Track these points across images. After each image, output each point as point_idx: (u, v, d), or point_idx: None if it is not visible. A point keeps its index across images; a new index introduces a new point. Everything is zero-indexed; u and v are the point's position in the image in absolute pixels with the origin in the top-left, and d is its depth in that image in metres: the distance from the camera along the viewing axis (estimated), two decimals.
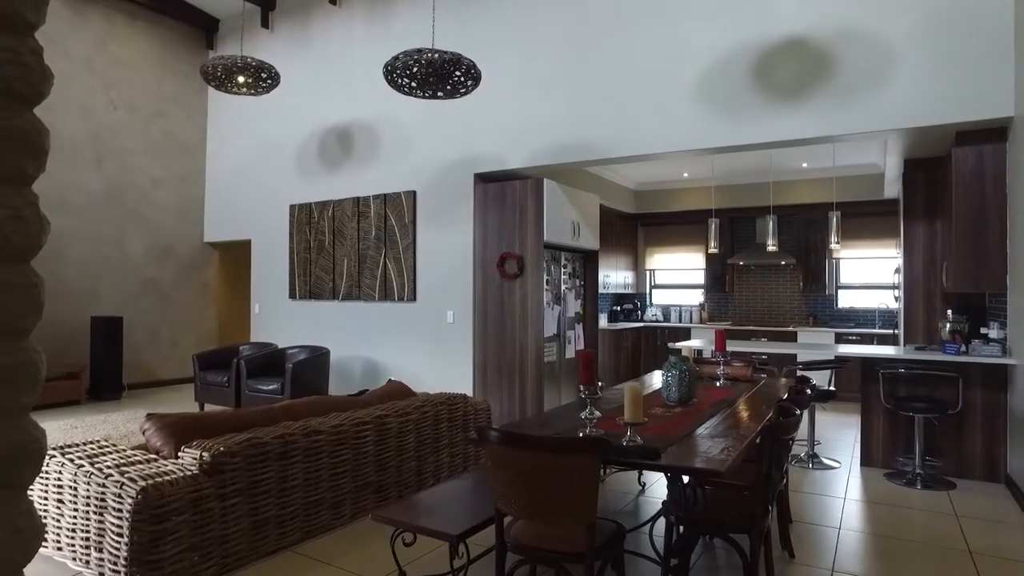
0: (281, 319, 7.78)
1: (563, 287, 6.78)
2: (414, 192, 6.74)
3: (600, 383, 2.48)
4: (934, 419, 4.48)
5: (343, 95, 7.30)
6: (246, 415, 3.25)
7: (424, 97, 5.04)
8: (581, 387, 2.46)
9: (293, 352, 6.69)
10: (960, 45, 4.40)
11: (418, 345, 6.71)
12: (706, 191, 8.98)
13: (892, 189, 6.97)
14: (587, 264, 7.33)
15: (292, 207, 7.69)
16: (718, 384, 3.88)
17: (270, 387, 6.01)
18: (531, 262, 6.11)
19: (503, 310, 6.26)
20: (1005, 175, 4.49)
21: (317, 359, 6.36)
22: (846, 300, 8.45)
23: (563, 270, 6.80)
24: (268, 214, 7.97)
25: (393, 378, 6.80)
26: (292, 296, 7.66)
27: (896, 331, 6.16)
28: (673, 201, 9.33)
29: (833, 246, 5.10)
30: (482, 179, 6.44)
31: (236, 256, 9.09)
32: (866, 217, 7.92)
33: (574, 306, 7.07)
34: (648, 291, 10.03)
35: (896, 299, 6.15)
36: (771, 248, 5.26)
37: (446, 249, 6.55)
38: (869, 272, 8.36)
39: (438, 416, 4.22)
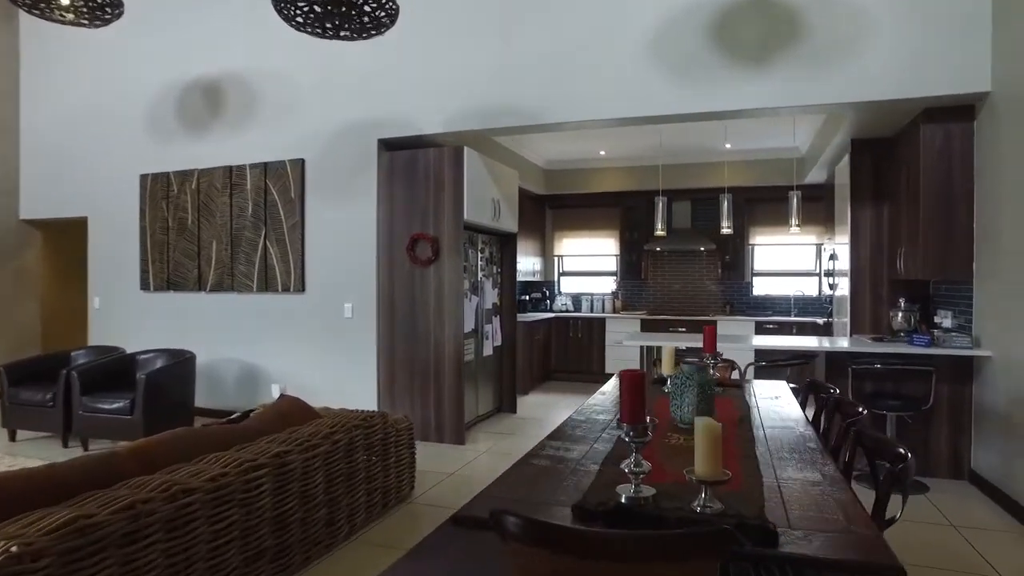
0: (130, 317, 6.27)
1: (480, 274, 5.92)
2: (302, 161, 5.56)
3: (650, 418, 1.66)
4: (908, 417, 4.12)
5: (210, 39, 5.91)
6: (65, 473, 2.11)
7: (324, 36, 3.94)
8: (625, 426, 1.63)
9: (147, 358, 5.31)
10: (936, 14, 4.02)
11: (308, 345, 5.57)
12: (623, 171, 8.45)
13: (820, 174, 6.74)
14: (504, 248, 6.52)
15: (143, 177, 6.19)
16: None
17: (115, 405, 4.65)
18: (448, 245, 5.19)
19: (414, 302, 5.29)
20: (973, 156, 4.20)
21: (179, 366, 5.06)
22: (760, 288, 8.28)
23: (480, 255, 5.94)
24: (110, 186, 6.38)
25: (279, 387, 5.61)
26: (145, 287, 6.19)
27: (830, 320, 5.93)
28: (586, 182, 8.70)
29: (793, 230, 4.68)
30: (388, 146, 5.41)
31: (66, 238, 7.32)
32: (783, 203, 7.71)
33: (491, 296, 6.24)
34: (556, 279, 9.40)
35: (832, 287, 5.90)
36: (725, 230, 4.76)
37: (343, 229, 5.45)
38: (783, 259, 8.22)
39: (352, 443, 3.23)
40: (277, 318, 5.67)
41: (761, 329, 7.53)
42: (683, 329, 7.86)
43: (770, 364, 4.20)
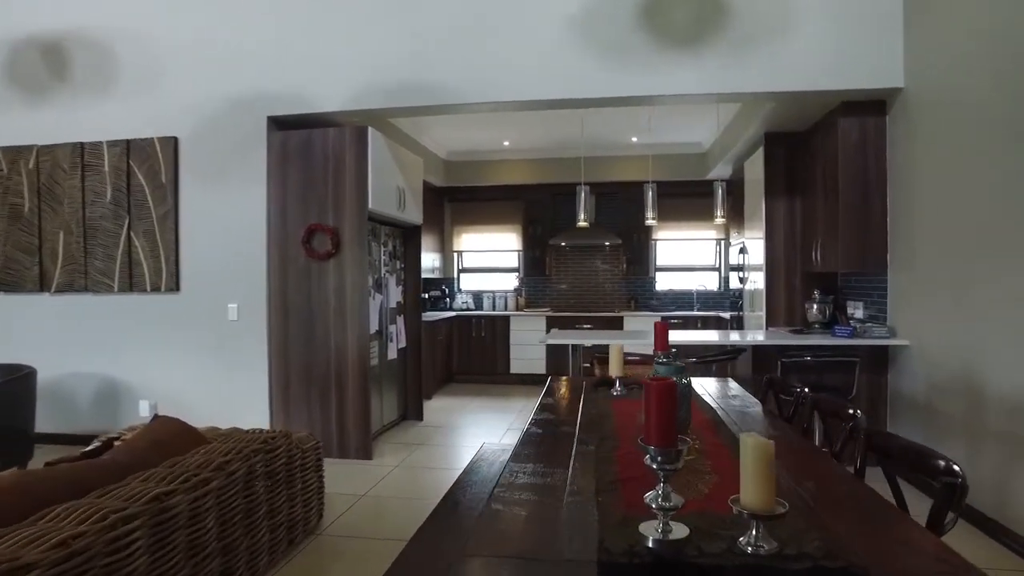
0: None
1: (383, 270, 5.40)
2: (175, 139, 4.77)
3: (685, 439, 1.31)
4: None
5: None
6: None
7: None
8: (652, 449, 1.26)
9: None
10: (853, 11, 4.05)
11: (184, 354, 4.79)
12: (527, 164, 8.17)
13: (724, 169, 6.80)
14: (408, 242, 6.02)
15: None
16: None
17: None
18: (351, 237, 4.64)
19: (312, 301, 4.69)
20: (886, 151, 4.28)
21: (13, 384, 4.12)
22: (663, 283, 8.32)
23: (383, 249, 5.42)
24: None
25: (149, 405, 4.78)
26: None
27: (740, 313, 5.98)
28: (488, 174, 8.35)
29: (718, 220, 4.58)
30: (280, 125, 4.76)
31: None
32: (686, 197, 7.78)
33: (395, 294, 5.73)
34: (456, 276, 8.96)
35: (742, 281, 5.94)
36: (649, 221, 4.58)
37: (226, 219, 4.73)
38: (684, 254, 8.31)
39: (252, 473, 2.65)
40: (145, 323, 4.82)
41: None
42: (588, 326, 7.74)
43: (700, 360, 4.05)
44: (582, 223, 4.80)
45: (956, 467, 1.47)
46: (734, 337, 4.44)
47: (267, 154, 4.65)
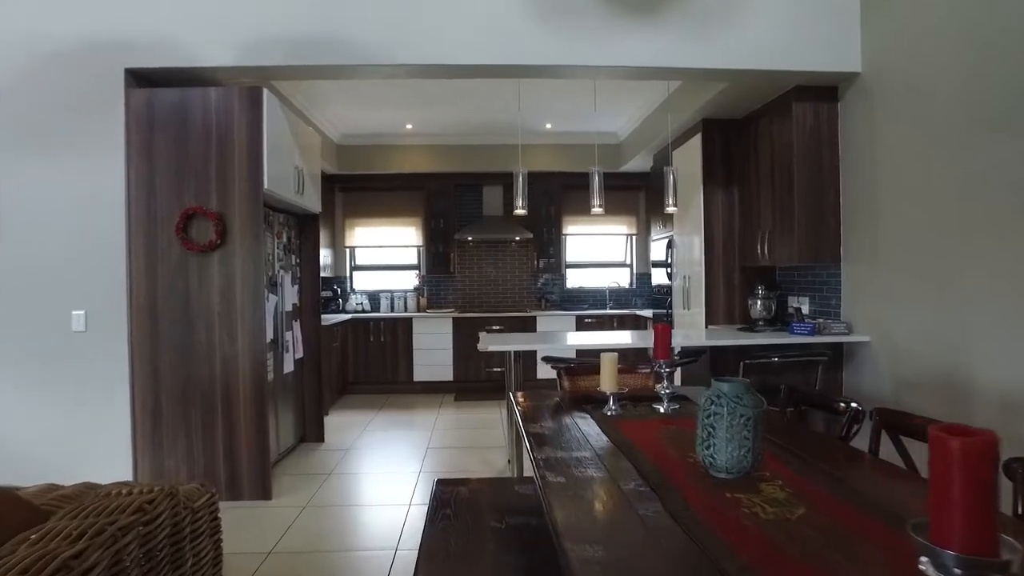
0: None
1: (278, 266, 4.52)
2: None
3: None
4: (799, 411, 3.83)
5: None
6: None
7: None
8: (951, 556, 0.69)
9: None
10: None
11: (4, 380, 3.63)
12: (430, 150, 7.42)
13: (643, 161, 6.49)
14: (304, 233, 5.14)
15: None
16: (661, 410, 2.43)
17: None
18: (241, 224, 3.74)
19: (190, 304, 3.73)
20: (838, 138, 4.08)
21: None
22: (573, 280, 7.93)
23: (277, 241, 4.53)
24: None
25: None
26: None
27: (668, 311, 5.66)
28: (386, 161, 7.51)
29: (670, 209, 4.15)
30: (142, 80, 3.74)
31: None
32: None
33: (291, 295, 4.84)
34: (349, 274, 8.05)
35: (670, 276, 5.63)
36: (597, 209, 4.07)
37: (66, 200, 3.64)
38: (593, 250, 7.98)
39: (120, 562, 1.79)
40: None
41: (582, 324, 7.14)
42: (499, 327, 7.18)
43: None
44: (520, 211, 4.21)
45: None
46: (692, 339, 4.05)
47: (126, 116, 3.62)
